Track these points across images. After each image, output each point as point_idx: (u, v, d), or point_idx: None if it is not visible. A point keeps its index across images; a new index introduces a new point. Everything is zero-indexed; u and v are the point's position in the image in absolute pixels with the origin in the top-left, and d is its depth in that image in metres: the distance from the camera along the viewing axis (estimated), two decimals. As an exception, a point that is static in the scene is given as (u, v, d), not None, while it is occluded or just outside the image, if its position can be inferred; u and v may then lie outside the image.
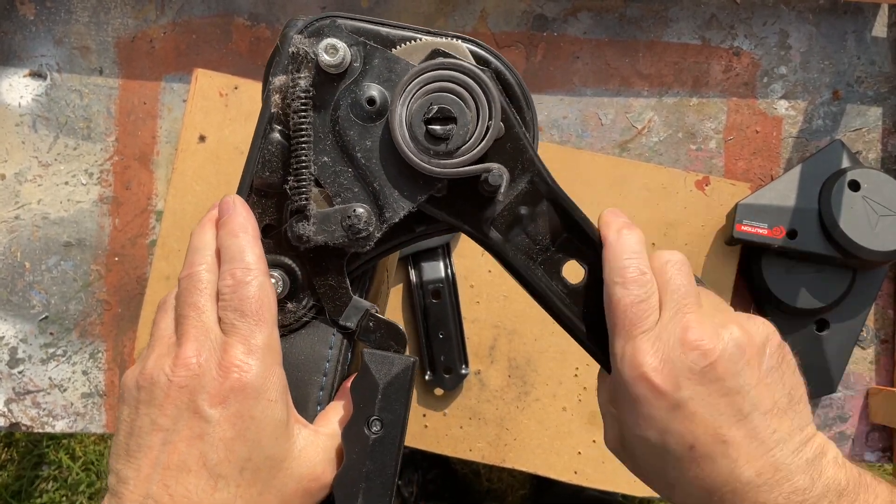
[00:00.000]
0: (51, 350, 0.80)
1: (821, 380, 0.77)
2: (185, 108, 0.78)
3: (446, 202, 0.40)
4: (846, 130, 0.80)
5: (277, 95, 0.39)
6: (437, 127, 0.37)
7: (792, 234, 0.72)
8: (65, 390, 0.80)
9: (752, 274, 0.77)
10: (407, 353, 0.41)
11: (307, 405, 0.41)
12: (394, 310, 0.79)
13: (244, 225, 0.40)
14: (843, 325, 0.76)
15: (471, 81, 0.38)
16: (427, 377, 0.77)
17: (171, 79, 0.80)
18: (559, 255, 0.42)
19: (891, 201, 0.71)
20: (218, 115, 0.78)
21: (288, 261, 0.41)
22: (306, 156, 0.39)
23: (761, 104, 0.81)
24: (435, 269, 0.77)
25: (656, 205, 0.78)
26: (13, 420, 0.79)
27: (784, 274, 0.75)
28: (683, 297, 0.40)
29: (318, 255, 0.41)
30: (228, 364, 0.37)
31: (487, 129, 0.38)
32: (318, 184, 0.40)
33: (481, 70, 0.38)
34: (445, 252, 0.78)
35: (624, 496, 1.35)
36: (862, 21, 0.80)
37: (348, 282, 0.41)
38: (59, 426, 0.80)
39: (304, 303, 0.41)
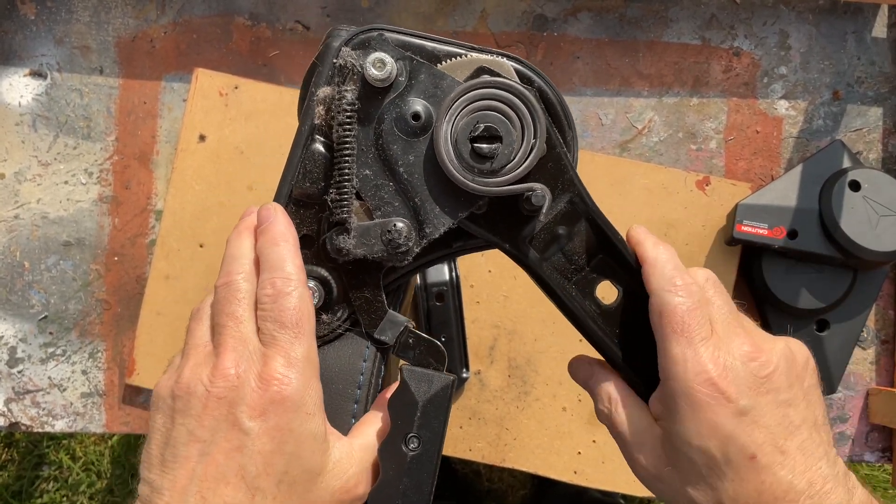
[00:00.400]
0: (50, 350, 0.80)
1: (821, 380, 0.77)
2: (185, 108, 0.78)
3: (486, 219, 0.40)
4: (846, 130, 0.80)
5: (321, 107, 0.39)
6: (484, 145, 0.38)
7: (792, 234, 0.72)
8: (64, 390, 0.80)
9: (753, 274, 0.76)
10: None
11: (342, 417, 0.40)
12: (394, 310, 0.79)
13: (285, 234, 0.40)
14: (844, 325, 0.76)
15: (517, 101, 0.38)
16: None
17: (171, 78, 0.80)
18: (594, 275, 0.43)
19: (891, 201, 0.71)
20: (218, 114, 0.78)
21: (324, 272, 0.41)
22: (349, 169, 0.39)
23: (761, 104, 0.80)
24: (439, 272, 0.77)
25: (656, 205, 0.78)
26: (13, 420, 0.79)
27: (784, 274, 0.74)
28: (728, 314, 0.41)
29: (355, 267, 0.41)
30: (268, 377, 0.37)
31: (532, 148, 0.38)
32: (358, 196, 0.40)
33: (527, 89, 0.38)
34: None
35: (624, 496, 1.34)
36: (862, 21, 0.80)
37: (384, 295, 0.41)
38: (59, 426, 0.80)
39: (339, 315, 0.41)
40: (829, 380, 0.77)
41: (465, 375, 0.77)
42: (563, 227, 0.42)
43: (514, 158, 0.38)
